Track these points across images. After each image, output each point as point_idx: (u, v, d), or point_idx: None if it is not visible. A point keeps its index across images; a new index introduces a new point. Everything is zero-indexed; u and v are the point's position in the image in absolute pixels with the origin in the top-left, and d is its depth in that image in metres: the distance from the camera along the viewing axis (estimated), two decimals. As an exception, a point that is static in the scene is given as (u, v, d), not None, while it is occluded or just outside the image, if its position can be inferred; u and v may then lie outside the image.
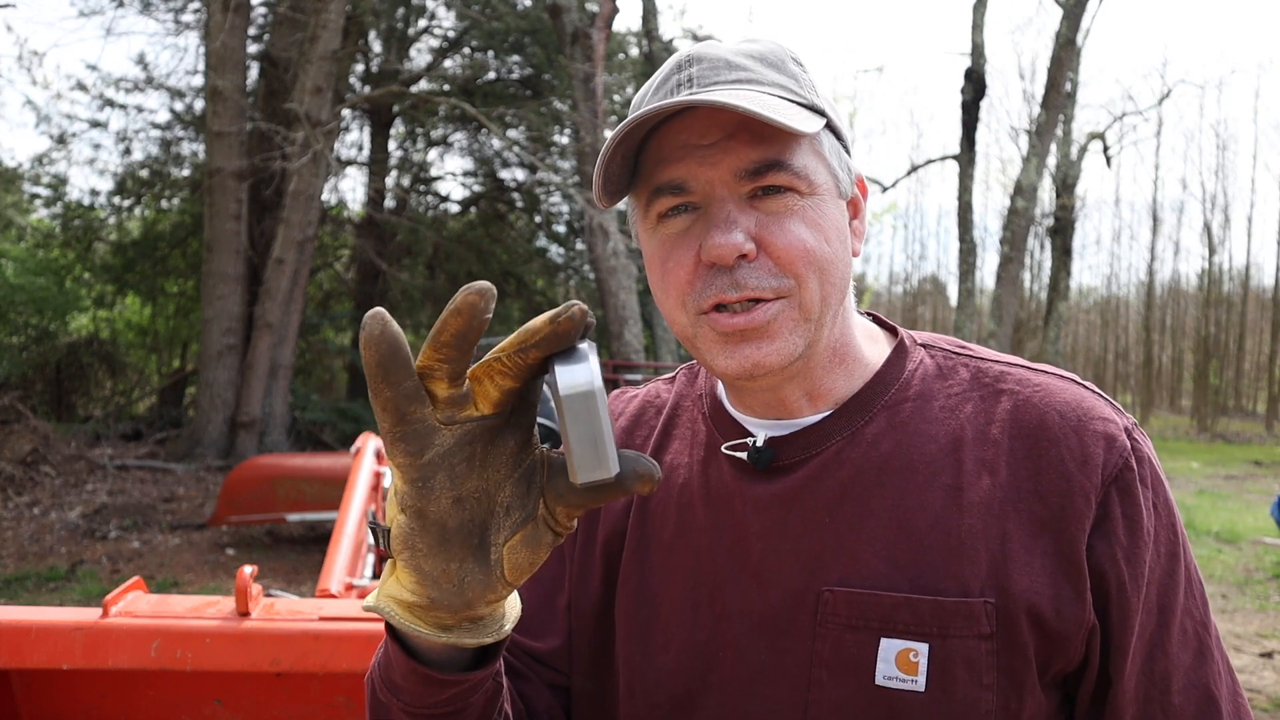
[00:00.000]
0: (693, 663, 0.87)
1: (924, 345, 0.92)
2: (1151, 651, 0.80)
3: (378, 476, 3.63)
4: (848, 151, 0.86)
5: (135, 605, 1.76)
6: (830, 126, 0.84)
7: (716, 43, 0.85)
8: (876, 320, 0.97)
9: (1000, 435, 0.82)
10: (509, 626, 0.73)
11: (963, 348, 0.91)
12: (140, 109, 14.83)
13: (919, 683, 0.77)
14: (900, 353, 0.90)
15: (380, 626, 1.71)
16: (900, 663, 0.78)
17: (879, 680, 0.78)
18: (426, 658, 0.73)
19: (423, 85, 15.28)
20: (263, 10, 13.79)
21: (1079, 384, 0.86)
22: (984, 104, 15.70)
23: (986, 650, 0.77)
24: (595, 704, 0.95)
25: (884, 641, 0.78)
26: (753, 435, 0.88)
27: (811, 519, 0.83)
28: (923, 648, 0.78)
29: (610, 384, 9.27)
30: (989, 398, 0.85)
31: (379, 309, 0.60)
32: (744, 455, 0.88)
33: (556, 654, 0.95)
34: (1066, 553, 0.78)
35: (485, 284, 0.59)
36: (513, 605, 0.75)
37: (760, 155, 0.78)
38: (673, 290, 0.82)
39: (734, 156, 0.78)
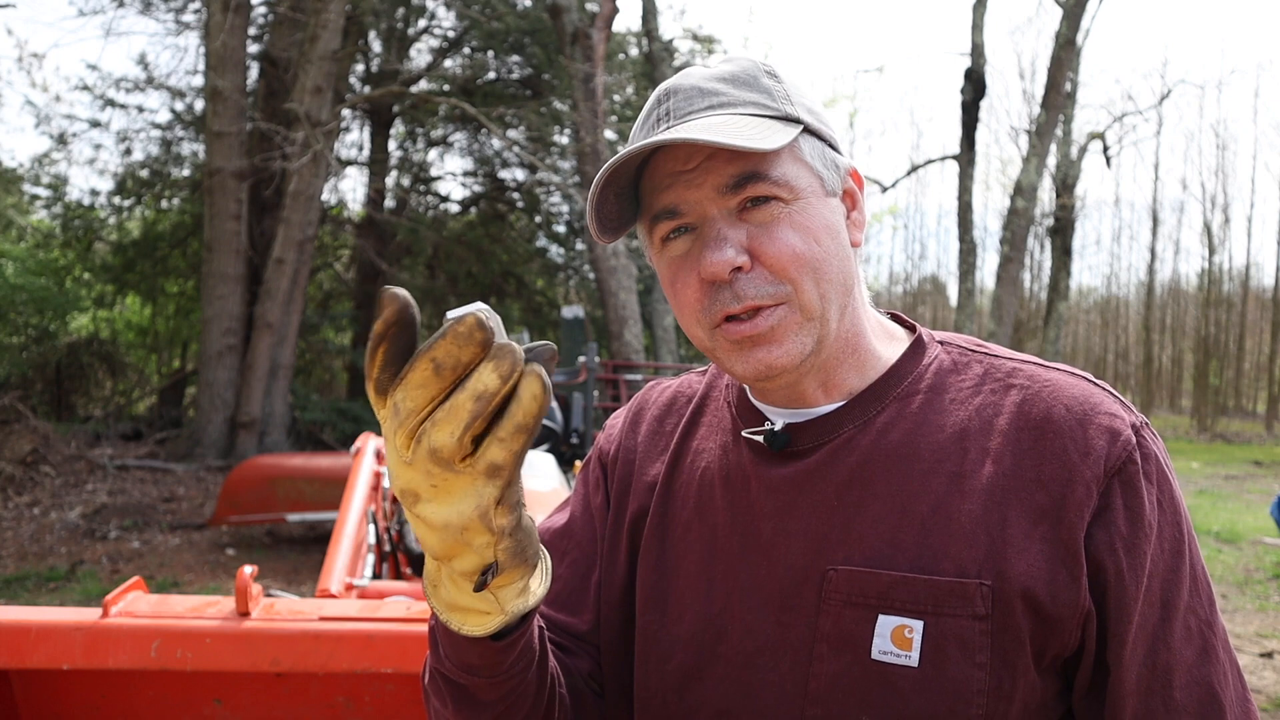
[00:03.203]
0: (703, 634, 0.91)
1: (941, 342, 0.96)
2: (1153, 644, 0.81)
3: (378, 476, 3.62)
4: (834, 148, 0.90)
5: (135, 605, 1.76)
6: (809, 129, 0.86)
7: (691, 71, 0.91)
8: (897, 319, 1.00)
9: (1007, 426, 0.85)
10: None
11: (979, 346, 0.95)
12: (140, 109, 14.82)
13: (913, 658, 0.80)
14: (917, 348, 0.94)
15: (378, 627, 1.71)
16: (895, 638, 0.81)
17: (874, 655, 0.81)
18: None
19: (423, 85, 15.27)
20: (263, 10, 13.78)
21: (1090, 381, 0.88)
22: (984, 104, 15.73)
23: (980, 630, 0.79)
24: (621, 677, 1.00)
25: (881, 618, 0.81)
26: (772, 422, 0.92)
27: (820, 501, 0.87)
28: (918, 624, 0.80)
29: (610, 383, 9.25)
30: (999, 391, 0.88)
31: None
32: (762, 439, 0.92)
33: (594, 630, 1.01)
34: (1065, 539, 0.79)
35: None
36: None
37: (738, 170, 0.82)
38: (686, 310, 0.87)
39: (715, 175, 0.83)
